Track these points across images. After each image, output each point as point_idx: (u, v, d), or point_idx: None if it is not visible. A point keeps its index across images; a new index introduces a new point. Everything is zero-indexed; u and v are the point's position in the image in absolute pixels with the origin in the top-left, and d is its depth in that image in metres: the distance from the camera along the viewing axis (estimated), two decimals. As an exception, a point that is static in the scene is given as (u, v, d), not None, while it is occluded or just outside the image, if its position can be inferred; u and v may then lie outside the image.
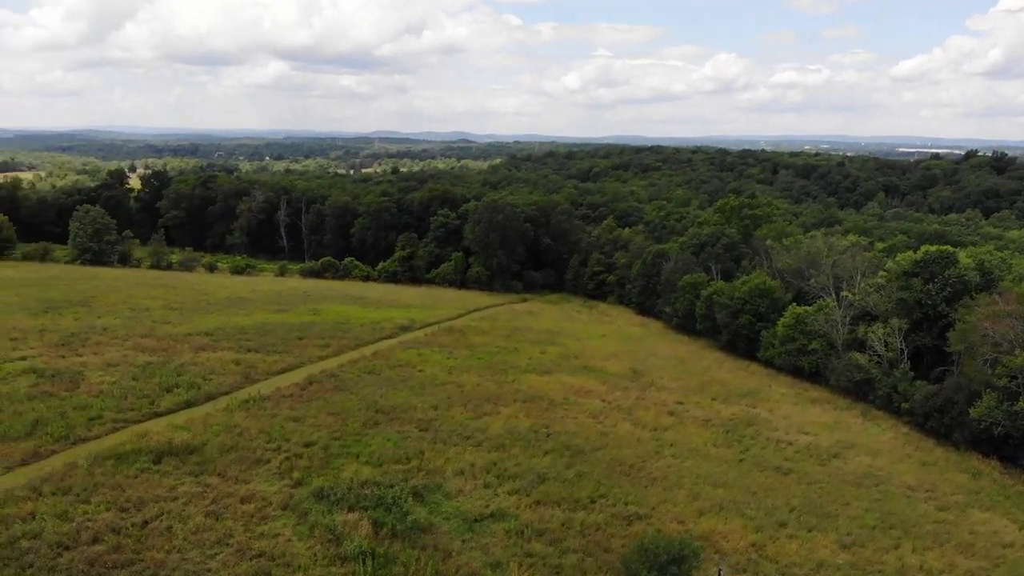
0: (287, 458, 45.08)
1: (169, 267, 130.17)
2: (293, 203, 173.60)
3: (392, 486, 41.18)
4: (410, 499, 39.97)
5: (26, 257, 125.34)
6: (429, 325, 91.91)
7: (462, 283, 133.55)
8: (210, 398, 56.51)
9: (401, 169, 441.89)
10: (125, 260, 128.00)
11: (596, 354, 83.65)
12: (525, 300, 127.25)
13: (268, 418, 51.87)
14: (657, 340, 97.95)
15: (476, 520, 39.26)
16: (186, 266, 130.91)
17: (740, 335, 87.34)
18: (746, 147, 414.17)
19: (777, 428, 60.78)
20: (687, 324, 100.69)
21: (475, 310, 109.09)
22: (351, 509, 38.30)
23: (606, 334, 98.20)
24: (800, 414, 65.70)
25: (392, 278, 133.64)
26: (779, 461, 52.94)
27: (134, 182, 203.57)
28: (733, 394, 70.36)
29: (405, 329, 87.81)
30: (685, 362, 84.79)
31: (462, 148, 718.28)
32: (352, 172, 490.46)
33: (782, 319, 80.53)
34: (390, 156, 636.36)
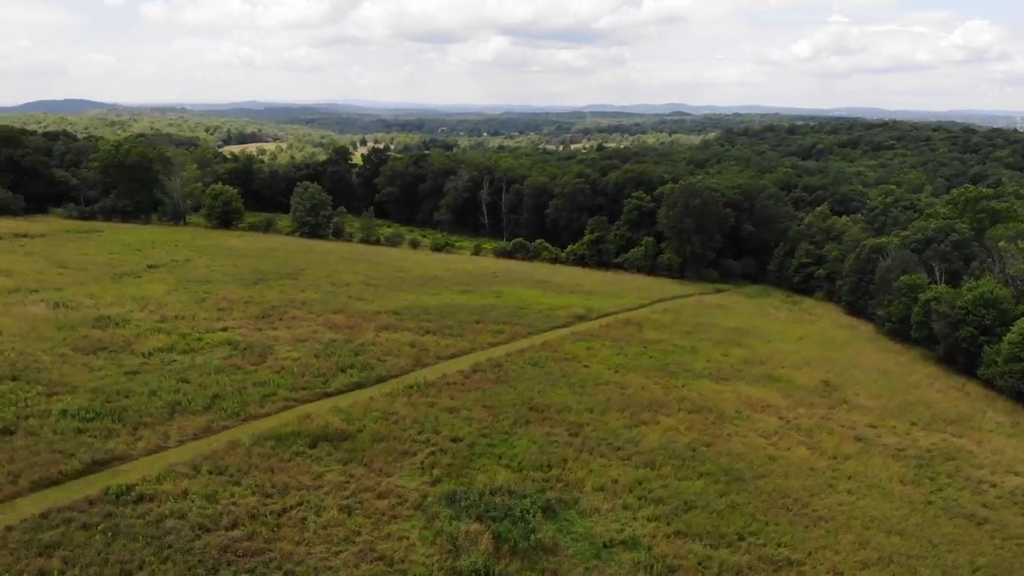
0: (432, 453, 45.36)
1: (377, 242, 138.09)
2: (495, 183, 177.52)
3: (525, 496, 39.97)
4: (539, 514, 38.53)
5: (252, 228, 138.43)
6: (606, 315, 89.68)
7: (651, 269, 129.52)
8: (380, 380, 58.47)
9: (608, 145, 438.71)
10: (339, 233, 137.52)
11: (786, 360, 77.10)
12: (719, 291, 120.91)
13: (426, 407, 52.65)
14: (862, 347, 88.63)
15: (605, 546, 37.03)
16: (392, 242, 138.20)
17: (959, 348, 76.61)
18: (997, 125, 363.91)
19: (982, 465, 52.25)
20: (901, 331, 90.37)
21: (660, 300, 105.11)
22: (478, 518, 37.59)
23: (804, 336, 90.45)
24: (1014, 449, 56.15)
25: (580, 261, 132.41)
26: (975, 507, 45.34)
27: (356, 158, 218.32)
28: (938, 419, 61.64)
29: (581, 318, 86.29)
30: (889, 376, 75.79)
31: (676, 121, 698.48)
32: (561, 148, 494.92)
33: (1009, 334, 69.31)
34: (600, 131, 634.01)
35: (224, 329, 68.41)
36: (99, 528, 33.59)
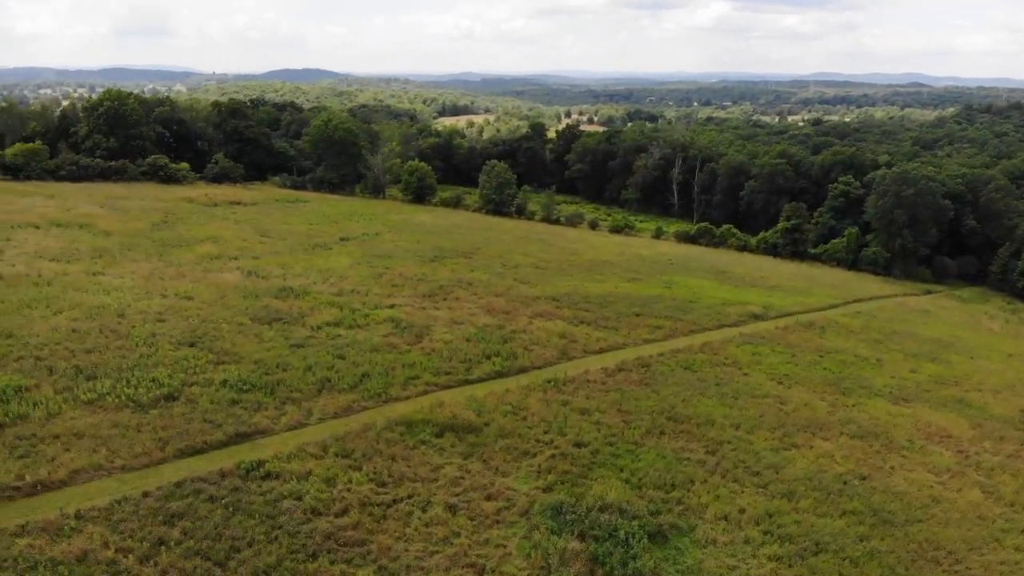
0: (553, 456, 44.55)
1: (557, 221, 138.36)
2: (688, 160, 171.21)
3: (635, 517, 38.11)
4: (646, 539, 36.56)
5: (443, 203, 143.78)
6: (786, 315, 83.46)
7: (853, 264, 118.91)
8: (521, 371, 58.43)
9: (828, 119, 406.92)
10: (521, 211, 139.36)
11: (985, 381, 67.69)
12: (928, 293, 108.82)
13: (558, 405, 51.86)
14: (1093, 372, 75.58)
15: (712, 584, 34.48)
16: (571, 221, 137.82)
17: None
18: None
19: None
20: None
21: (855, 300, 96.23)
22: (580, 535, 36.40)
23: (1016, 354, 79.04)
24: None
25: (771, 251, 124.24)
26: None
27: (553, 133, 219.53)
28: None
29: (755, 318, 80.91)
30: (1121, 412, 63.96)
31: (910, 93, 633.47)
32: (777, 119, 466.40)
33: None
34: (823, 102, 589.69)
35: (391, 306, 71.48)
36: (223, 502, 36.36)
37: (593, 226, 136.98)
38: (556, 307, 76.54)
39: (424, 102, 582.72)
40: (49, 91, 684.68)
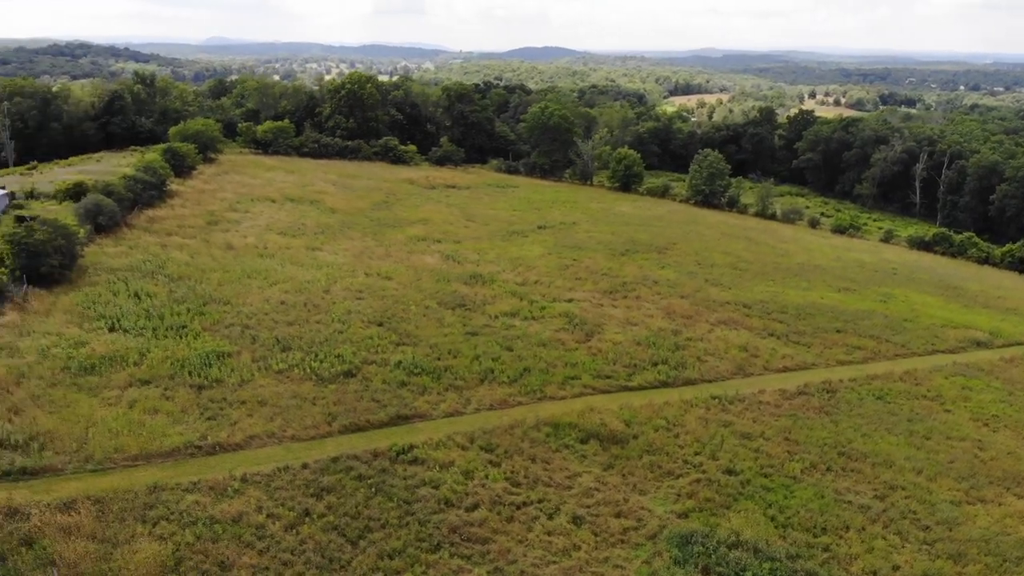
0: (698, 480, 43.13)
1: (772, 216, 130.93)
2: (935, 156, 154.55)
3: (770, 559, 35.93)
4: (776, 587, 34.45)
5: (649, 192, 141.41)
6: (1016, 344, 73.36)
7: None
8: (687, 383, 56.79)
9: None
10: (732, 204, 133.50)
11: None
12: None
13: (718, 425, 49.87)
14: None
15: (840, 650, 31.77)
16: (788, 218, 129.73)
17: None
18: None
19: None
20: None
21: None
22: (704, 571, 35.09)
23: None
24: None
25: (1018, 266, 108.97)
26: None
27: (784, 117, 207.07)
28: None
29: (978, 345, 71.89)
30: None
31: None
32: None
33: None
34: None
35: (569, 300, 72.24)
36: (368, 482, 39.38)
37: (812, 224, 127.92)
38: (745, 315, 73.02)
39: (656, 81, 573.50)
40: (314, 65, 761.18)
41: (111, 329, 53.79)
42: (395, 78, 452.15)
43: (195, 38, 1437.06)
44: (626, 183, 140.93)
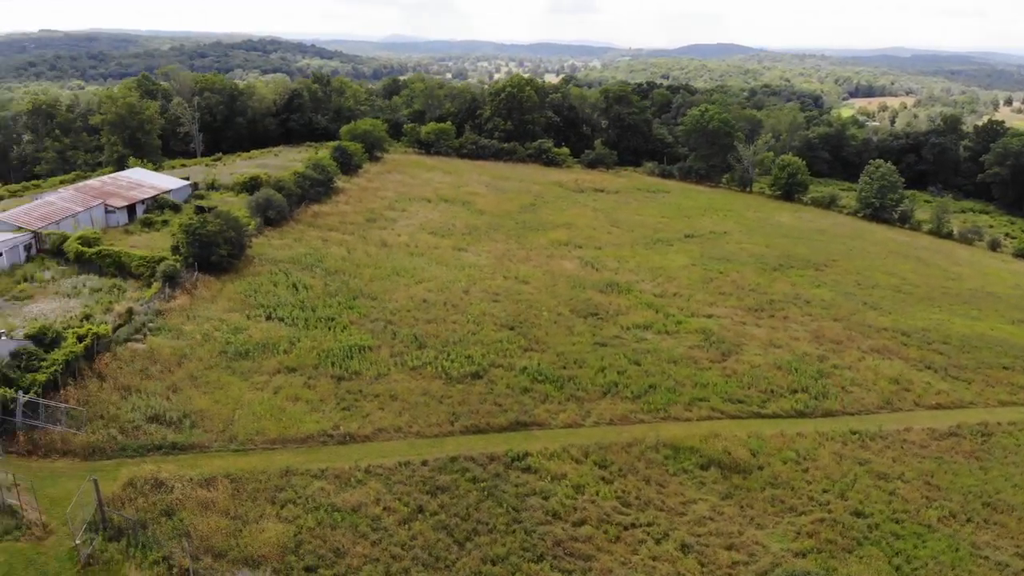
0: (822, 520, 41.02)
1: (948, 235, 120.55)
2: None
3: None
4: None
5: (813, 202, 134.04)
6: None
7: None
8: (826, 415, 53.91)
9: None
10: (904, 220, 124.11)
11: None
12: None
13: (853, 463, 47.05)
14: None
15: None
16: (965, 238, 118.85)
17: None
18: None
19: None
20: None
21: None
22: (813, 618, 33.47)
23: None
24: None
25: None
26: None
27: (970, 126, 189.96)
28: None
29: None
30: None
31: None
32: None
33: None
34: None
35: (709, 316, 70.35)
36: (481, 485, 40.49)
37: (992, 246, 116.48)
38: (902, 343, 68.11)
39: (836, 81, 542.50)
40: (485, 64, 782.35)
41: (268, 318, 58.48)
42: (560, 77, 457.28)
43: (376, 36, 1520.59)
44: (788, 191, 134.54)
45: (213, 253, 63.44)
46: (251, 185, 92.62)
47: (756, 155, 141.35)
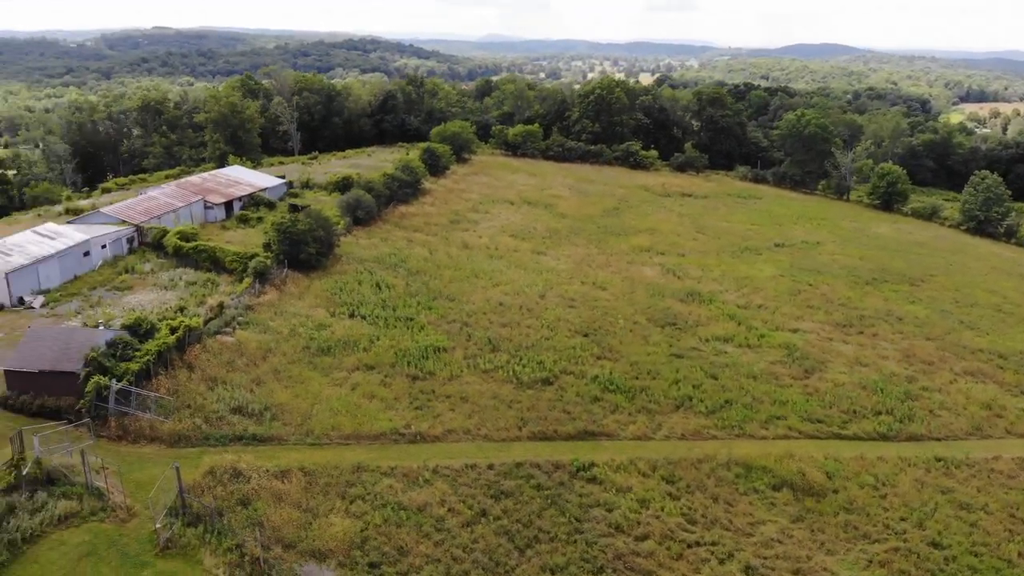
0: (896, 550, 39.39)
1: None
2: None
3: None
4: None
5: (913, 213, 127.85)
6: None
7: None
8: (911, 439, 51.62)
9: None
10: (1011, 235, 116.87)
11: None
12: None
13: (934, 491, 44.93)
14: None
15: None
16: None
17: None
18: None
19: None
20: None
21: None
22: (881, 654, 32.22)
23: None
24: None
25: None
26: None
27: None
28: None
29: None
30: None
31: None
32: None
33: None
34: None
35: (794, 330, 68.29)
36: (545, 492, 40.76)
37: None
38: (998, 367, 64.43)
39: (945, 85, 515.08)
40: (579, 63, 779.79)
41: (351, 315, 60.42)
42: (655, 77, 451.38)
43: (474, 35, 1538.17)
44: (887, 201, 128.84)
45: (302, 251, 65.91)
46: (343, 185, 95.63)
47: (855, 162, 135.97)
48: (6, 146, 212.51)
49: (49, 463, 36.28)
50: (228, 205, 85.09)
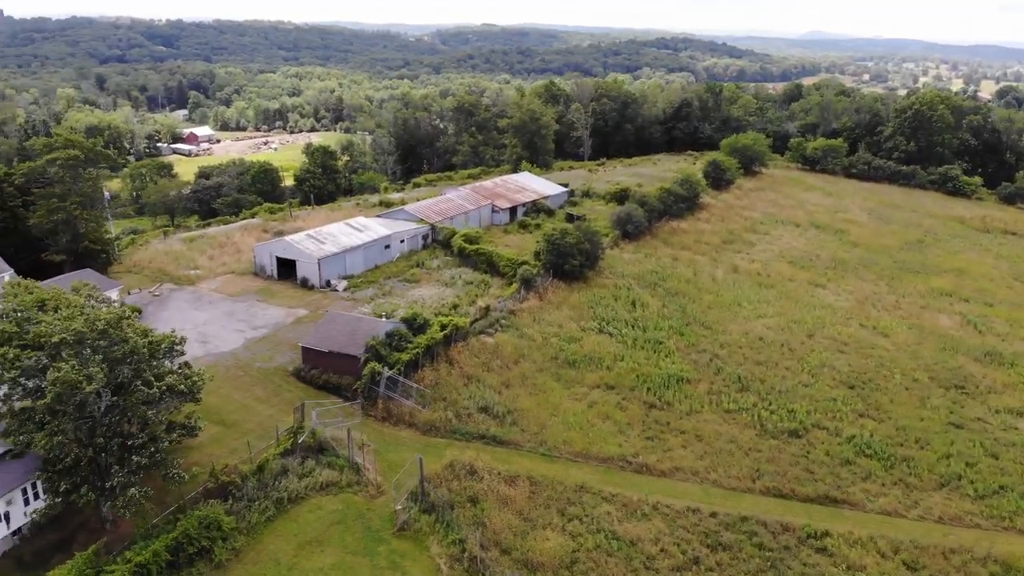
0: None
1: None
2: None
3: None
4: None
5: None
6: None
7: None
8: None
9: None
10: None
11: None
12: None
13: None
14: None
15: None
16: None
17: None
18: None
19: None
20: None
21: None
22: None
23: None
24: None
25: None
26: None
27: None
28: None
29: None
30: None
31: None
32: None
33: None
34: None
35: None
36: (767, 554, 38.95)
37: None
38: None
39: None
40: (911, 66, 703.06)
41: (600, 331, 62.06)
42: (999, 86, 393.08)
43: (793, 32, 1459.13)
44: None
45: (567, 262, 68.86)
46: (619, 196, 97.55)
47: None
48: (347, 130, 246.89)
49: (322, 434, 42.66)
50: (512, 210, 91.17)
